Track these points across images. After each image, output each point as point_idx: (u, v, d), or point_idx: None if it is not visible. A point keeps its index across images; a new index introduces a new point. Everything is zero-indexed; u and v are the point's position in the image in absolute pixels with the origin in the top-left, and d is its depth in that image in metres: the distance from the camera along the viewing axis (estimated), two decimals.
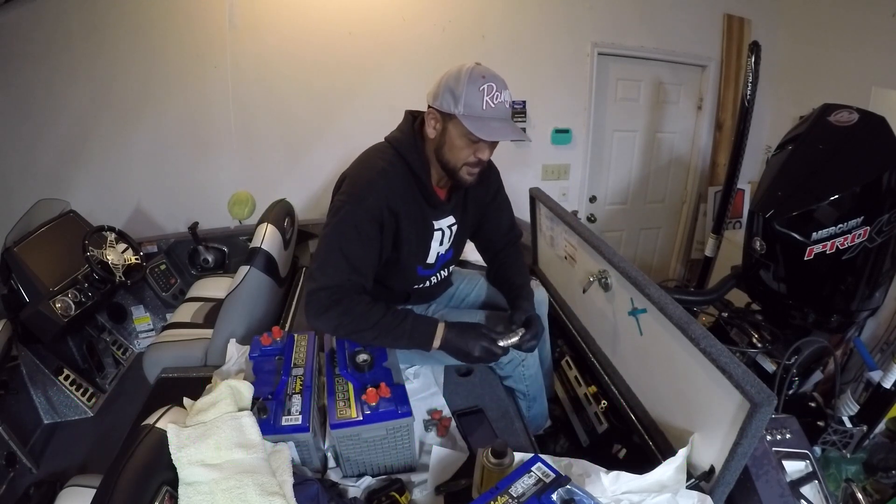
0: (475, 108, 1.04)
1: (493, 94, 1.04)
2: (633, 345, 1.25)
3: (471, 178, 1.15)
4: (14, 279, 1.89)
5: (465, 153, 1.10)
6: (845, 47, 2.40)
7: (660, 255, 3.36)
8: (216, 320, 1.63)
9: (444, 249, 1.28)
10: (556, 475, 0.84)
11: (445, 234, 1.26)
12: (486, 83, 1.04)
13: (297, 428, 0.97)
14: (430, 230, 1.22)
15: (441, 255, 1.28)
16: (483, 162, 1.13)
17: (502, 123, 1.06)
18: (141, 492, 0.79)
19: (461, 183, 1.16)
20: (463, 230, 1.32)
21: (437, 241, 1.24)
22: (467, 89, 1.04)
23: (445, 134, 1.10)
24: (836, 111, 1.40)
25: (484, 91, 1.04)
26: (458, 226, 1.28)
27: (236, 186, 2.65)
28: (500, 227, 1.41)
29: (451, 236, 1.28)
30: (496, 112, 1.05)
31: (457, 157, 1.11)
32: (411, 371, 1.39)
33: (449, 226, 1.26)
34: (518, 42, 2.62)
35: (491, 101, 1.04)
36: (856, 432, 1.40)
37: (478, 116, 1.05)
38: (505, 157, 2.78)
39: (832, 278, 1.41)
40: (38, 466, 1.76)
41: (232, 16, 2.36)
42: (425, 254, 1.25)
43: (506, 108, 1.07)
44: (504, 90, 1.06)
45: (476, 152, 1.10)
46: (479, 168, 1.14)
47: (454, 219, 1.27)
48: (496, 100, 1.05)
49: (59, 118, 2.42)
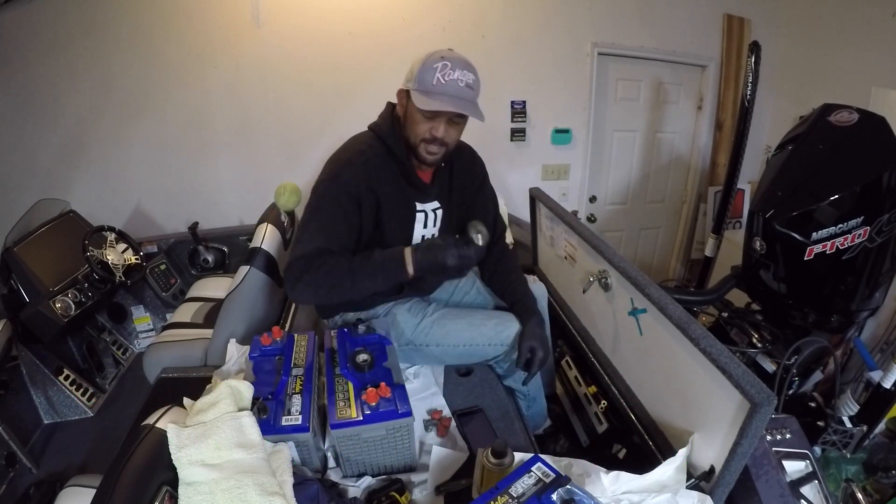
0: (426, 82, 1.08)
1: (446, 72, 1.07)
2: (633, 345, 1.25)
3: (430, 156, 1.16)
4: (14, 279, 1.89)
5: (422, 129, 1.13)
6: (845, 47, 2.40)
7: (660, 255, 3.36)
8: (216, 320, 1.63)
9: (431, 234, 1.30)
10: (556, 475, 0.84)
11: (430, 217, 1.27)
12: (442, 62, 1.08)
13: (297, 428, 0.97)
14: (413, 211, 1.24)
15: (427, 239, 1.29)
16: (439, 139, 1.14)
17: (448, 98, 1.08)
18: (141, 492, 0.79)
19: (422, 161, 1.18)
20: (449, 216, 1.32)
21: (420, 224, 1.26)
22: (422, 66, 1.09)
23: (406, 109, 1.15)
24: (836, 111, 1.40)
25: (437, 68, 1.07)
26: (443, 210, 1.30)
27: (236, 186, 2.66)
28: (486, 220, 1.37)
29: (436, 221, 1.29)
30: (445, 88, 1.07)
31: (415, 132, 1.14)
32: (411, 371, 1.39)
33: (433, 209, 1.28)
34: (518, 42, 2.62)
35: (442, 78, 1.07)
36: (856, 432, 1.40)
37: (426, 91, 1.08)
38: (505, 157, 2.80)
39: (832, 278, 1.41)
40: (38, 466, 1.76)
41: (236, 16, 2.36)
42: (409, 235, 1.26)
43: (458, 87, 1.08)
44: (461, 69, 1.08)
45: (431, 129, 1.12)
46: (438, 146, 1.15)
47: (439, 203, 1.29)
48: (447, 77, 1.07)
49: (59, 118, 2.42)
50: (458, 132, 1.18)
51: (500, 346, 1.31)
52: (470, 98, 1.11)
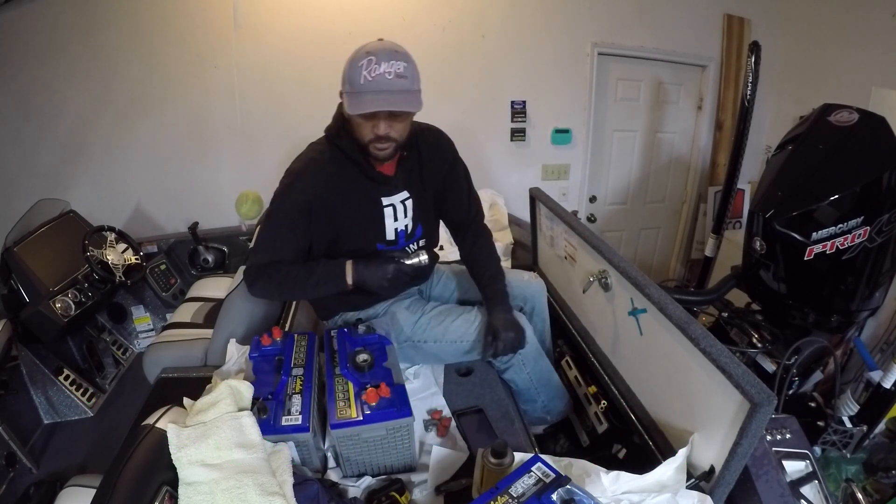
0: (355, 83, 1.05)
1: (372, 67, 1.02)
2: (633, 345, 1.25)
3: (382, 153, 1.14)
4: (14, 279, 1.89)
5: (364, 130, 1.11)
6: (845, 47, 2.40)
7: (660, 255, 3.36)
8: (216, 320, 1.63)
9: (404, 225, 1.28)
10: (556, 475, 0.84)
11: (398, 209, 1.26)
12: (367, 58, 1.03)
13: (297, 428, 0.97)
14: (379, 207, 1.24)
15: (401, 230, 1.28)
16: (384, 137, 1.11)
17: (376, 95, 1.04)
18: (141, 492, 0.80)
19: (376, 158, 1.16)
20: (421, 203, 1.31)
21: (390, 218, 1.26)
22: (349, 66, 1.06)
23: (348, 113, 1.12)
24: (836, 111, 1.40)
25: (363, 66, 1.03)
26: (413, 199, 1.28)
27: (236, 186, 2.65)
28: (461, 201, 1.39)
29: (406, 211, 1.28)
30: (372, 85, 1.03)
31: (360, 134, 1.13)
32: (411, 371, 1.39)
33: (402, 200, 1.26)
34: (518, 42, 2.61)
35: (368, 75, 1.03)
36: (856, 432, 1.40)
37: (356, 91, 1.05)
38: (505, 157, 2.80)
39: (832, 278, 1.41)
40: (38, 466, 1.76)
41: (237, 16, 2.36)
42: (381, 231, 1.26)
43: (387, 80, 1.03)
44: (386, 61, 1.03)
45: (373, 129, 1.10)
46: (386, 143, 1.12)
47: (408, 192, 1.27)
48: (374, 73, 1.02)
49: (59, 118, 2.42)
50: (403, 124, 1.13)
51: None
52: (403, 88, 1.05)
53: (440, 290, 1.52)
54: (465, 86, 2.61)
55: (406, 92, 1.06)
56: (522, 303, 1.51)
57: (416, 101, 1.08)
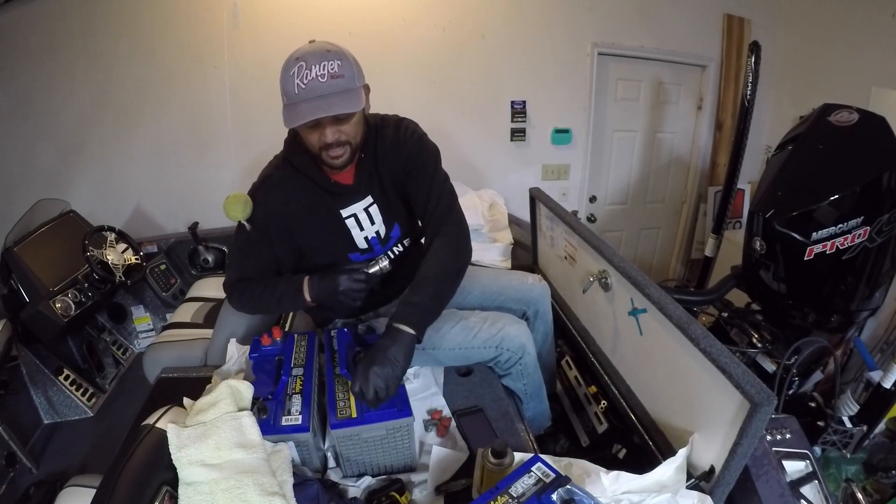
0: (290, 94, 1.00)
1: (303, 74, 0.97)
2: (633, 345, 1.25)
3: (337, 160, 1.09)
4: (14, 279, 1.89)
5: (312, 140, 1.07)
6: (845, 47, 2.40)
7: (660, 255, 3.36)
8: (216, 320, 1.63)
9: (374, 232, 1.23)
10: (556, 475, 0.84)
11: (361, 217, 1.21)
12: (297, 64, 0.98)
13: (297, 428, 0.97)
14: (340, 220, 1.20)
15: (373, 238, 1.24)
16: (334, 143, 1.05)
17: (311, 102, 0.98)
18: (141, 492, 0.79)
19: (332, 167, 1.12)
20: (388, 205, 1.23)
21: (355, 228, 1.22)
22: (283, 77, 1.01)
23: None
24: (836, 111, 1.40)
25: (294, 74, 0.98)
26: (377, 204, 1.22)
27: (236, 186, 2.65)
28: (420, 191, 1.20)
29: (373, 218, 1.22)
30: (307, 92, 0.98)
31: (310, 143, 1.08)
32: (411, 371, 1.39)
33: (365, 208, 1.21)
34: (518, 42, 2.61)
35: (301, 83, 0.98)
36: (856, 432, 1.40)
37: (292, 103, 1.00)
38: (505, 157, 2.80)
39: (832, 278, 1.41)
40: (38, 466, 1.76)
41: (235, 16, 2.36)
42: (349, 241, 1.23)
43: (321, 84, 0.97)
44: (318, 63, 0.97)
45: (320, 137, 1.05)
46: (339, 148, 1.07)
47: (371, 198, 1.21)
48: (305, 79, 0.97)
49: (59, 118, 2.42)
50: (351, 125, 1.07)
51: (494, 348, 1.31)
52: (340, 89, 0.99)
53: None
54: (465, 86, 2.61)
55: (345, 92, 1.00)
56: (525, 307, 1.50)
57: (357, 99, 1.02)
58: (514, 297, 1.49)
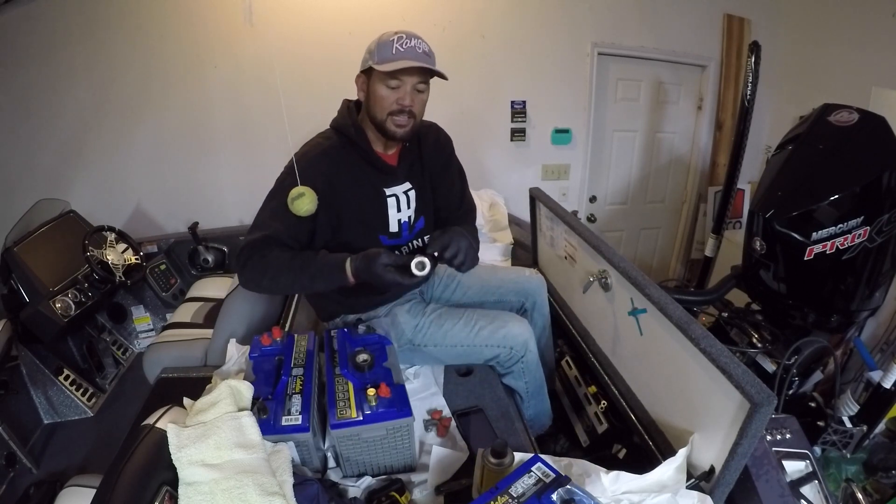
0: (386, 55, 1.10)
1: (403, 42, 1.10)
2: (633, 345, 1.25)
3: (400, 129, 1.17)
4: (14, 279, 1.89)
5: (388, 101, 1.14)
6: (845, 47, 2.40)
7: (660, 255, 3.36)
8: (216, 320, 1.63)
9: (407, 216, 1.30)
10: (556, 475, 0.84)
11: (402, 199, 1.27)
12: (397, 35, 1.11)
13: (297, 428, 0.97)
14: (382, 197, 1.25)
15: (405, 222, 1.29)
16: (407, 109, 1.14)
17: (409, 59, 1.10)
18: (141, 492, 0.79)
19: (392, 136, 1.18)
20: (423, 196, 1.32)
21: (393, 209, 1.27)
22: (378, 44, 1.12)
23: (369, 89, 1.17)
24: (836, 111, 1.40)
25: (394, 41, 1.10)
26: (416, 191, 1.30)
27: (236, 186, 2.65)
28: (450, 198, 1.39)
29: (409, 202, 1.29)
30: (405, 53, 1.10)
31: (381, 107, 1.15)
32: (411, 371, 1.39)
33: (405, 191, 1.28)
34: (518, 42, 2.61)
35: (400, 47, 1.10)
36: (856, 432, 1.40)
37: (387, 59, 1.10)
38: (505, 157, 2.80)
39: (832, 278, 1.41)
40: (38, 466, 1.76)
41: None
42: (384, 222, 1.27)
43: (417, 52, 1.11)
44: (416, 39, 1.12)
45: (398, 99, 1.13)
46: (406, 118, 1.16)
47: (410, 184, 1.29)
48: (405, 45, 1.10)
49: (59, 118, 2.42)
50: (422, 101, 1.19)
51: (497, 347, 1.31)
52: (430, 61, 1.13)
53: (441, 292, 1.52)
54: (465, 86, 2.61)
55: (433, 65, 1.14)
56: (523, 298, 1.51)
57: (442, 72, 1.14)
58: (513, 289, 1.51)
